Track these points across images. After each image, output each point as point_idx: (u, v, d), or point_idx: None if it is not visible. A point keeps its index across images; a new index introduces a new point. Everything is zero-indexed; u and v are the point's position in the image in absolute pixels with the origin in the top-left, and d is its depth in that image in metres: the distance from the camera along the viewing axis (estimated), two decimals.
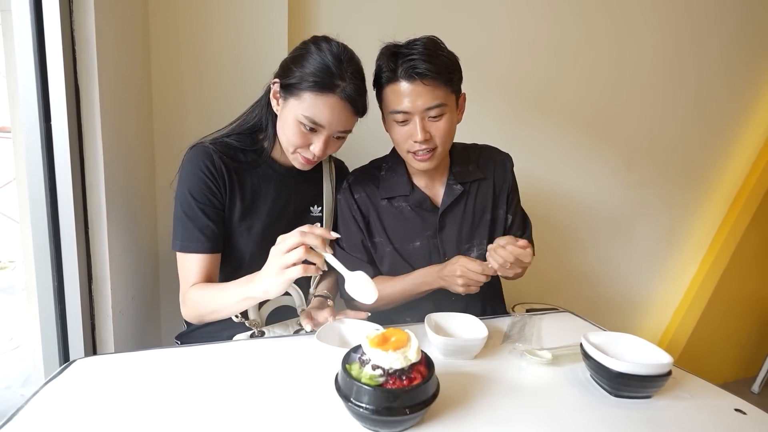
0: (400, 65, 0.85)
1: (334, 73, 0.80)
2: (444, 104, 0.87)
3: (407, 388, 0.53)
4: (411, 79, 0.84)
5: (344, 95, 0.81)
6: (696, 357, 2.07)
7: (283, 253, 0.69)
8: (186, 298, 0.86)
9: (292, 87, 0.82)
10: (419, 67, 0.83)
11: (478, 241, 1.01)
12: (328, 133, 0.84)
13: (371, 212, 1.01)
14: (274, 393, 0.63)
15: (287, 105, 0.85)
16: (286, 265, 0.68)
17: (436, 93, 0.85)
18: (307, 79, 0.80)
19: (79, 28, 0.82)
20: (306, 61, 0.81)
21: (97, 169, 0.88)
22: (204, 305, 0.83)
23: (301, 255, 0.67)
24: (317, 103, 0.81)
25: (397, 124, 0.89)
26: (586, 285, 1.92)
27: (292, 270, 0.68)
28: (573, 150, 1.73)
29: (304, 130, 0.84)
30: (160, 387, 0.64)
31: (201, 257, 0.86)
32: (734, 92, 1.92)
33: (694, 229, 2.05)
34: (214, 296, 0.82)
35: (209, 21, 1.16)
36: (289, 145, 0.87)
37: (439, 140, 0.89)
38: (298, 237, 0.68)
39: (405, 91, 0.85)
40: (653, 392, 0.65)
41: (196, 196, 0.86)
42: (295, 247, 0.68)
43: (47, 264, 0.85)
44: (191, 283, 0.86)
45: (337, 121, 0.83)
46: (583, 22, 1.61)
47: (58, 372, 0.67)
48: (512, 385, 0.68)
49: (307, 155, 0.87)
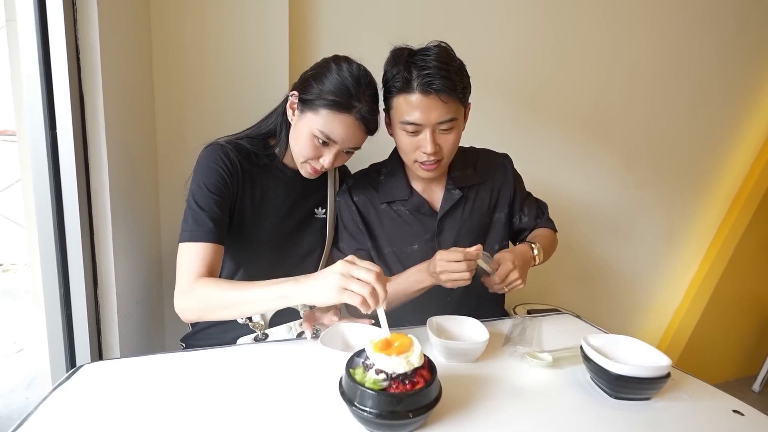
0: (415, 77, 0.84)
1: (353, 95, 0.84)
2: (455, 118, 0.87)
3: (410, 392, 0.54)
4: (426, 93, 0.84)
5: (359, 116, 0.85)
6: (697, 356, 2.08)
7: (350, 276, 0.65)
8: (190, 290, 0.78)
9: (310, 102, 0.86)
10: (436, 83, 0.82)
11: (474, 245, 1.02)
12: (339, 148, 0.88)
13: (370, 215, 1.02)
14: (279, 397, 0.64)
15: (303, 117, 0.88)
16: (349, 288, 0.64)
17: (449, 107, 0.85)
18: (326, 96, 0.84)
19: (83, 36, 0.83)
20: (326, 78, 0.85)
21: (102, 175, 0.89)
22: (218, 299, 0.76)
23: (365, 293, 0.63)
24: (333, 121, 0.84)
25: (407, 133, 0.89)
26: (587, 285, 1.93)
27: (351, 296, 0.64)
28: (572, 151, 1.74)
29: (317, 144, 0.87)
30: (166, 392, 0.65)
31: (208, 246, 0.82)
32: (732, 92, 1.93)
33: (693, 230, 2.06)
34: (234, 290, 0.75)
35: (210, 29, 1.17)
36: (300, 155, 0.90)
37: (447, 152, 0.90)
38: (372, 277, 0.64)
39: (419, 104, 0.85)
40: (652, 394, 0.66)
41: (211, 187, 0.86)
42: (365, 281, 0.64)
43: (53, 270, 0.86)
44: (197, 273, 0.79)
45: (350, 138, 0.87)
46: (580, 24, 1.62)
47: (65, 377, 0.68)
48: (513, 387, 0.69)
49: (316, 166, 0.91)
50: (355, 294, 0.64)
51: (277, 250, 0.99)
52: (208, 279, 0.79)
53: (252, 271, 0.97)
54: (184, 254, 0.82)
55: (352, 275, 0.65)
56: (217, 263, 0.85)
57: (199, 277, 0.79)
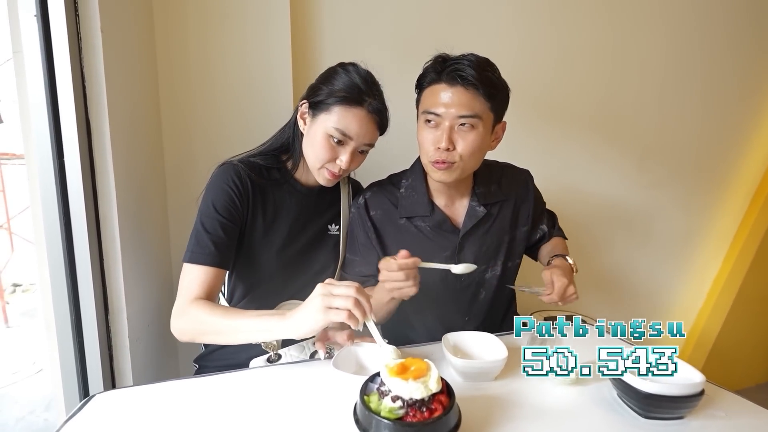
0: (445, 68, 0.85)
1: (363, 90, 0.87)
2: (478, 117, 0.85)
3: (428, 420, 0.52)
4: (452, 82, 0.84)
5: (371, 108, 0.87)
6: (724, 359, 2.00)
7: (331, 295, 0.68)
8: (185, 311, 0.81)
9: (321, 103, 0.88)
10: (464, 72, 0.83)
11: (493, 263, 1.00)
12: (355, 145, 0.89)
13: (388, 231, 0.98)
14: (292, 424, 0.62)
15: (316, 121, 0.89)
16: (333, 306, 0.67)
17: (473, 103, 0.84)
18: (337, 94, 0.86)
19: (88, 64, 0.84)
20: (335, 80, 0.88)
21: (110, 200, 0.89)
22: (209, 324, 0.78)
23: (349, 306, 0.67)
24: (347, 116, 0.86)
25: (427, 126, 0.88)
26: (604, 290, 1.87)
27: (336, 313, 0.67)
28: (584, 152, 1.69)
29: (333, 143, 0.88)
30: (178, 420, 0.64)
31: (206, 270, 0.83)
32: (747, 86, 1.87)
33: (713, 227, 1.99)
34: (224, 317, 0.78)
35: (214, 47, 1.18)
36: (317, 160, 0.90)
37: (462, 154, 0.86)
38: (352, 291, 0.68)
39: (442, 93, 0.85)
40: (686, 413, 0.62)
41: (219, 209, 0.87)
42: (346, 296, 0.67)
43: (64, 297, 0.86)
44: (193, 295, 0.81)
45: (364, 133, 0.88)
46: (588, 21, 1.58)
47: (78, 408, 0.67)
48: (536, 407, 0.66)
49: (334, 169, 0.90)
50: (341, 310, 0.67)
51: (290, 267, 0.98)
52: (203, 303, 0.81)
53: (265, 289, 0.96)
54: (185, 275, 0.84)
55: (333, 293, 0.68)
56: (216, 286, 0.86)
57: (195, 300, 0.81)
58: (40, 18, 0.78)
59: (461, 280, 0.96)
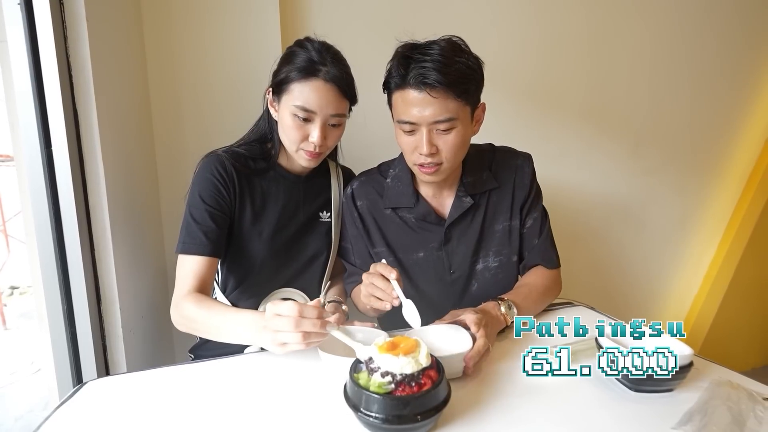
0: (410, 71, 0.78)
1: (316, 60, 0.85)
2: (454, 118, 0.80)
3: (417, 394, 0.52)
4: (420, 88, 0.78)
5: (328, 77, 0.84)
6: (720, 344, 2.01)
7: (276, 330, 0.64)
8: (179, 305, 0.82)
9: (281, 85, 0.87)
10: (429, 77, 0.77)
11: (484, 253, 0.96)
12: (321, 119, 0.86)
13: (373, 221, 0.97)
14: (285, 406, 0.63)
15: (281, 105, 0.88)
16: (284, 342, 0.65)
17: (446, 105, 0.79)
18: (291, 73, 0.85)
19: (74, 53, 0.83)
20: (290, 59, 0.87)
21: (100, 190, 0.89)
22: (198, 322, 0.80)
23: (298, 341, 0.63)
24: (304, 90, 0.84)
25: (405, 133, 0.84)
26: (601, 276, 1.88)
27: (293, 346, 0.65)
28: (577, 140, 1.69)
29: (299, 122, 0.86)
30: (171, 405, 0.64)
31: (199, 260, 0.85)
32: (739, 71, 1.87)
33: (708, 213, 2.00)
34: (212, 317, 0.79)
35: (204, 40, 1.17)
36: (291, 143, 0.89)
37: (447, 155, 0.83)
38: (291, 324, 0.62)
39: (413, 100, 0.80)
40: (675, 385, 0.63)
41: (206, 199, 0.87)
42: (288, 331, 0.63)
43: (56, 288, 0.86)
44: (187, 287, 0.83)
45: (326, 103, 0.85)
46: (579, 7, 1.58)
47: (69, 395, 0.67)
48: (527, 383, 0.66)
49: (309, 148, 0.88)
50: (293, 344, 0.64)
51: (281, 254, 0.98)
52: (196, 297, 0.82)
53: (258, 277, 0.96)
54: (180, 266, 0.86)
55: (276, 329, 0.64)
56: (210, 276, 0.87)
57: (189, 293, 0.82)
58: (24, 6, 0.77)
59: (451, 272, 0.95)
